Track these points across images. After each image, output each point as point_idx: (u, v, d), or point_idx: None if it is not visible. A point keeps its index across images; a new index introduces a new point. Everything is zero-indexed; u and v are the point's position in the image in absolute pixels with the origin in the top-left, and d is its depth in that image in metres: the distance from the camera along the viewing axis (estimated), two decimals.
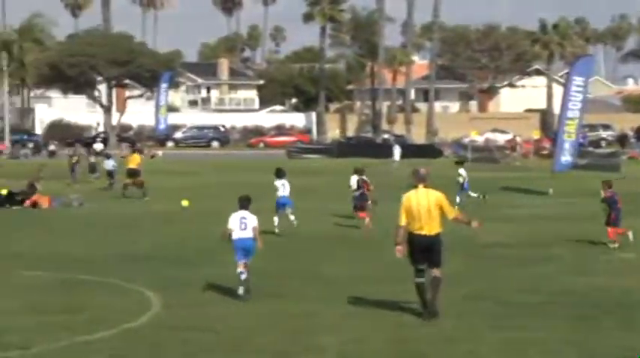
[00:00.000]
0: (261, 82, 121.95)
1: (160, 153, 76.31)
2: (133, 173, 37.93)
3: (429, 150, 73.36)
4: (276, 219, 25.62)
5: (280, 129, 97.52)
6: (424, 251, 14.51)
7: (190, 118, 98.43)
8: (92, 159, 49.38)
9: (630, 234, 23.35)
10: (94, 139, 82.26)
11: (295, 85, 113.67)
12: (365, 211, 27.18)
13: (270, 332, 13.69)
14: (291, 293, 16.73)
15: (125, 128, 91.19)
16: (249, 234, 16.37)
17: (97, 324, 14.06)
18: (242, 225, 16.40)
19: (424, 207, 14.41)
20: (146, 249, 23.04)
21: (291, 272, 19.27)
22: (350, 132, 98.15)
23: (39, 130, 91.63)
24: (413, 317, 14.69)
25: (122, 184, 38.19)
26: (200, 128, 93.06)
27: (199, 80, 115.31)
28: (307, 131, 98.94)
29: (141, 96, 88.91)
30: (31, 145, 77.73)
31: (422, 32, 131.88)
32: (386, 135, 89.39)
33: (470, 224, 15.48)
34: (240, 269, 16.29)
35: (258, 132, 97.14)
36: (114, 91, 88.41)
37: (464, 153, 69.96)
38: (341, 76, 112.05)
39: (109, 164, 43.41)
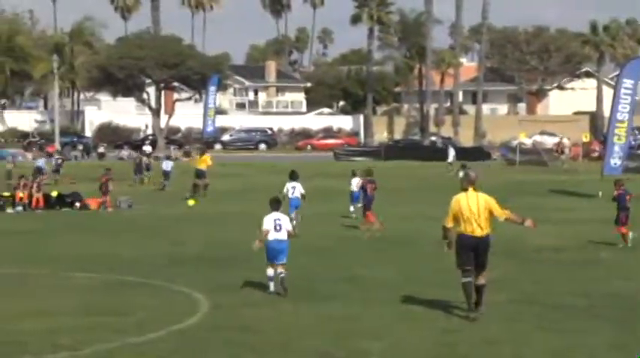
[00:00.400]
0: (309, 84, 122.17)
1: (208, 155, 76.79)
2: (200, 174, 39.10)
3: (477, 153, 73.18)
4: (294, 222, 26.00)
5: (328, 132, 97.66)
6: (472, 252, 14.79)
7: (238, 121, 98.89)
8: (145, 159, 50.56)
9: (630, 235, 23.80)
10: (142, 141, 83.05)
11: (343, 87, 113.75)
12: (371, 212, 27.76)
13: (314, 335, 13.79)
14: (334, 296, 16.81)
15: (173, 130, 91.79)
16: (283, 235, 17.10)
17: (145, 326, 14.23)
18: (277, 226, 17.07)
19: (474, 209, 14.77)
20: (194, 250, 23.25)
21: (334, 274, 19.34)
22: (397, 135, 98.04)
23: (88, 133, 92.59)
24: (457, 320, 14.71)
25: (192, 185, 38.98)
26: (247, 131, 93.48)
27: (247, 83, 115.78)
28: (355, 134, 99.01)
29: (189, 98, 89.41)
30: (80, 147, 78.55)
31: (470, 34, 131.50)
32: (433, 138, 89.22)
33: (523, 223, 15.50)
34: (270, 270, 17.05)
35: (305, 134, 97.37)
36: (162, 94, 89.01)
37: (512, 156, 69.66)
38: (389, 79, 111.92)
39: (168, 165, 44.46)
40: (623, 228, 23.91)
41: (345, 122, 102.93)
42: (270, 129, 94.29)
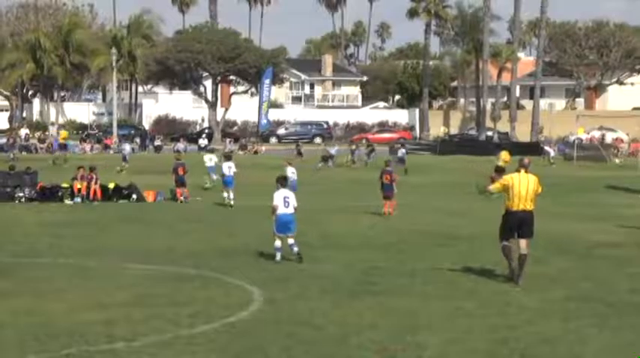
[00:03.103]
0: (365, 78, 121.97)
1: (263, 148, 77.03)
2: (500, 170, 40.15)
3: (534, 148, 72.44)
4: (225, 195, 32.86)
5: (383, 126, 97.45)
6: (519, 225, 17.24)
7: (294, 114, 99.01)
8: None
9: None
10: (199, 135, 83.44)
11: (399, 81, 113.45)
12: (389, 200, 29.71)
13: (370, 328, 13.71)
14: (390, 290, 16.73)
15: (230, 124, 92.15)
16: (291, 210, 19.55)
17: (199, 318, 14.25)
18: (285, 203, 19.53)
19: (524, 188, 17.27)
20: (249, 242, 23.23)
21: (389, 268, 19.26)
22: (453, 130, 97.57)
23: (146, 126, 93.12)
24: (515, 317, 14.57)
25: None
26: (303, 124, 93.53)
27: (303, 76, 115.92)
28: (410, 128, 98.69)
29: (246, 92, 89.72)
30: (138, 140, 78.91)
31: (528, 28, 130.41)
32: (490, 133, 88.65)
33: None
34: (278, 242, 19.42)
35: (361, 128, 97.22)
36: (219, 87, 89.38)
37: (569, 152, 69.00)
38: (445, 73, 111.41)
39: (402, 152, 55.76)
40: None
41: (400, 116, 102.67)
42: (326, 122, 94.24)
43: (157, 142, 76.62)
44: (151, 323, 13.94)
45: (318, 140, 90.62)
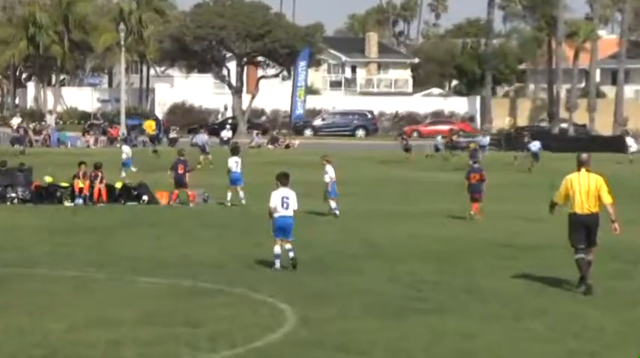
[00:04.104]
0: (417, 60, 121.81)
1: (296, 142, 77.08)
2: None
3: (617, 144, 72.03)
4: (229, 194, 33.50)
5: (438, 117, 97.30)
6: (583, 228, 18.00)
7: (332, 102, 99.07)
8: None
9: None
10: (221, 126, 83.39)
11: (457, 64, 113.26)
12: (477, 202, 30.25)
13: (422, 354, 13.72)
14: (449, 309, 16.71)
15: (257, 113, 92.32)
16: (290, 212, 20.10)
17: (220, 341, 14.28)
18: (284, 204, 20.04)
19: (584, 188, 18.00)
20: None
21: (443, 282, 19.28)
22: (521, 121, 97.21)
23: (159, 114, 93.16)
24: (594, 342, 14.51)
25: None
26: (343, 114, 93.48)
27: (344, 58, 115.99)
28: (470, 118, 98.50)
29: (276, 75, 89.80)
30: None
31: (611, 2, 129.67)
32: (564, 125, 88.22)
33: (612, 222, 18.20)
34: (278, 248, 20.04)
35: (411, 119, 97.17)
36: (245, 70, 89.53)
37: None
38: (512, 54, 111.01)
39: (535, 146, 58.98)
40: None
41: (458, 105, 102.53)
42: (370, 112, 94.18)
43: (172, 134, 76.72)
44: (163, 345, 14.01)
45: (360, 133, 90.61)
